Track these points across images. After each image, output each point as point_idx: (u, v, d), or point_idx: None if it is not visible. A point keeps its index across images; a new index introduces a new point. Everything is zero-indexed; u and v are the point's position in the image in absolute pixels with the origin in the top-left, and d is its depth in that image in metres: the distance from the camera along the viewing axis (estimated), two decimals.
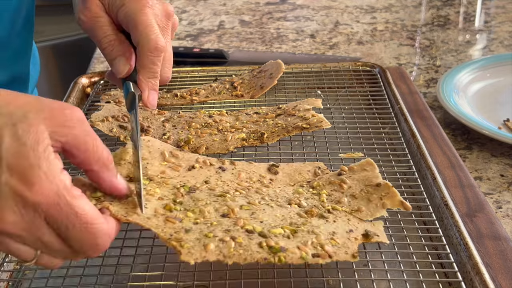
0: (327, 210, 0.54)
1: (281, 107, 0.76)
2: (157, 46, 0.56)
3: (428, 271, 0.51)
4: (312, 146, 0.69)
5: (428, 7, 1.43)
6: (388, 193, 0.56)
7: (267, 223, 0.50)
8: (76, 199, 0.41)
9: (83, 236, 0.42)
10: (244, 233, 0.48)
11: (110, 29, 0.59)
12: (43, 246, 0.42)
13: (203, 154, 0.67)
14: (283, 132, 0.69)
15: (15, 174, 0.39)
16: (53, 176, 0.40)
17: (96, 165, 0.44)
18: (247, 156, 0.68)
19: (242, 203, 0.53)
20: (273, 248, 0.46)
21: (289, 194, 0.57)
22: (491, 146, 0.80)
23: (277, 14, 1.40)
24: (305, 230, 0.50)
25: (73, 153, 0.43)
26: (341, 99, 0.81)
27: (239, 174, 0.59)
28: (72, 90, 0.85)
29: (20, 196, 0.39)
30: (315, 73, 0.89)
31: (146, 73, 0.57)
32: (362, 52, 1.15)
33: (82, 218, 0.41)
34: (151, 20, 0.56)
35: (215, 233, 0.47)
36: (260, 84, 0.82)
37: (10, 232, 0.40)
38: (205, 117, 0.74)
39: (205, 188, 0.55)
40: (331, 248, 0.48)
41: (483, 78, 0.97)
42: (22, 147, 0.39)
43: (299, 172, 0.61)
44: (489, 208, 0.63)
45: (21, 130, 0.39)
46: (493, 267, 0.54)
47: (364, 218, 0.54)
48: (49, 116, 0.41)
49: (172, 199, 0.52)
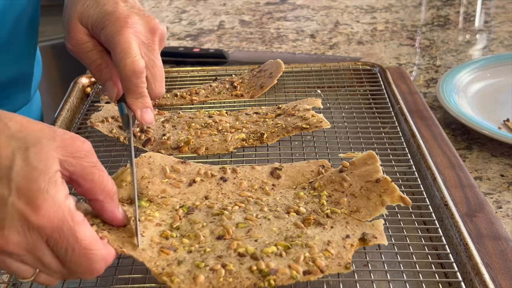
0: (326, 214, 0.55)
1: (280, 107, 0.76)
2: (135, 69, 0.55)
3: (428, 272, 0.51)
4: (312, 146, 0.69)
5: (428, 7, 1.43)
6: (387, 189, 0.56)
7: (261, 241, 0.51)
8: (79, 225, 0.43)
9: (81, 260, 0.43)
10: (236, 257, 0.49)
11: (96, 53, 0.59)
12: (42, 266, 0.43)
13: (203, 154, 0.68)
14: (282, 132, 0.69)
15: (23, 197, 0.41)
16: (59, 201, 0.42)
17: (101, 195, 0.46)
18: (247, 156, 0.68)
19: (239, 220, 0.54)
20: (263, 271, 0.47)
21: (289, 200, 0.57)
22: (491, 146, 0.80)
23: (277, 14, 1.40)
24: (299, 244, 0.50)
25: (80, 182, 0.45)
26: (341, 99, 0.81)
27: (240, 183, 0.60)
28: (72, 90, 0.85)
29: (26, 219, 0.41)
30: (315, 72, 0.89)
31: (132, 94, 0.57)
32: (362, 52, 1.15)
33: (82, 243, 0.43)
34: (129, 42, 0.55)
35: (207, 261, 0.49)
36: (260, 83, 0.82)
37: (13, 252, 0.42)
38: (204, 117, 0.74)
39: (204, 206, 0.56)
40: (324, 261, 0.49)
41: (483, 78, 0.97)
42: (32, 171, 0.41)
43: (302, 174, 0.62)
44: (489, 208, 0.63)
45: (33, 154, 0.41)
46: (493, 267, 0.54)
47: (363, 219, 0.54)
48: (61, 145, 0.43)
49: (170, 224, 0.54)
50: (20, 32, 0.77)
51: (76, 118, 0.80)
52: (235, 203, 0.57)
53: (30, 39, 0.82)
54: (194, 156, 0.68)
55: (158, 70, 0.58)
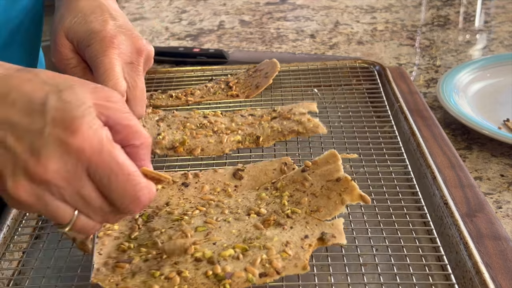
0: (286, 214, 0.55)
1: (276, 109, 0.75)
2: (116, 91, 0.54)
3: (428, 272, 0.51)
4: (307, 147, 0.69)
5: (428, 7, 1.43)
6: (347, 188, 0.56)
7: (219, 244, 0.51)
8: (119, 150, 0.41)
9: (126, 187, 0.41)
10: (193, 263, 0.49)
11: (79, 69, 0.59)
12: (82, 202, 0.41)
13: (199, 155, 0.67)
14: (279, 136, 0.69)
15: (59, 124, 0.39)
16: (96, 126, 0.40)
17: (138, 140, 0.44)
18: (242, 158, 0.67)
19: (199, 224, 0.54)
20: (218, 276, 0.47)
21: (251, 202, 0.58)
22: (491, 146, 0.80)
23: (277, 14, 1.40)
24: (257, 246, 0.50)
25: (117, 128, 0.43)
26: (337, 97, 0.81)
27: (202, 187, 0.60)
28: None
29: (64, 143, 0.39)
30: (311, 71, 0.88)
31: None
32: (362, 52, 1.15)
33: (124, 168, 0.41)
34: (112, 64, 0.55)
35: (163, 270, 0.48)
36: (256, 83, 0.82)
37: (52, 181, 0.40)
38: (199, 117, 0.73)
39: (164, 213, 0.56)
40: (281, 262, 0.48)
41: (483, 78, 0.97)
42: (66, 104, 0.40)
43: (265, 173, 0.62)
44: (489, 208, 0.63)
45: (66, 94, 0.41)
46: (493, 267, 0.54)
47: (323, 218, 0.54)
48: (93, 91, 0.42)
49: (128, 235, 0.53)
50: (23, 31, 0.77)
51: None
52: (196, 207, 0.56)
53: (33, 38, 0.81)
54: (189, 157, 0.67)
55: (139, 92, 0.58)
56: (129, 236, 0.53)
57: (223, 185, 0.61)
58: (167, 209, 0.56)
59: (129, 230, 0.54)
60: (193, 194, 0.59)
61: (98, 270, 0.49)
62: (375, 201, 0.58)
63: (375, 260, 0.52)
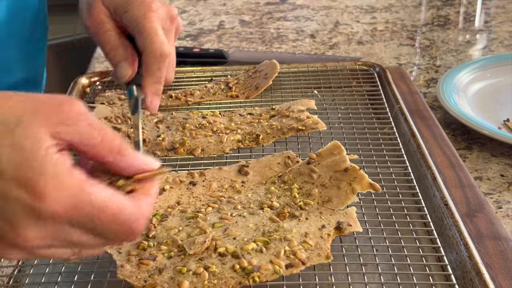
0: (299, 206, 0.56)
1: (274, 107, 0.75)
2: (163, 52, 0.57)
3: (428, 272, 0.51)
4: (307, 147, 0.69)
5: (428, 7, 1.43)
6: (356, 177, 0.57)
7: (240, 238, 0.51)
8: (94, 195, 0.37)
9: (114, 227, 0.39)
10: (217, 258, 0.49)
11: (114, 34, 0.60)
12: (76, 246, 0.39)
13: (199, 156, 0.67)
14: (278, 134, 0.69)
15: (22, 187, 0.36)
16: (62, 179, 0.37)
17: (110, 156, 0.40)
18: (243, 158, 0.67)
19: (215, 220, 0.54)
20: (246, 269, 0.47)
21: (261, 196, 0.58)
22: (491, 146, 0.80)
23: (277, 14, 1.40)
24: (277, 238, 0.51)
25: (82, 149, 0.39)
26: (338, 99, 0.81)
27: (210, 185, 0.60)
28: (72, 90, 0.85)
29: (34, 210, 0.36)
30: (312, 72, 0.88)
31: (151, 78, 0.58)
32: (362, 52, 1.15)
33: (107, 211, 0.38)
34: (156, 26, 0.57)
35: (189, 265, 0.48)
36: (255, 84, 0.82)
37: (36, 245, 0.38)
38: (198, 118, 0.73)
39: (177, 211, 0.56)
40: (304, 253, 0.49)
41: (483, 78, 0.97)
42: (22, 155, 0.36)
43: (269, 167, 0.62)
44: (489, 208, 0.63)
45: (17, 136, 0.36)
46: (493, 267, 0.54)
47: (336, 208, 0.55)
48: (46, 116, 0.38)
49: (145, 234, 0.53)
50: (26, 31, 0.77)
51: None
52: (208, 204, 0.57)
53: (40, 37, 0.81)
54: (190, 158, 0.67)
55: (172, 58, 0.60)
56: (147, 235, 0.53)
57: (230, 181, 0.61)
58: (179, 207, 0.57)
59: (145, 230, 0.54)
60: (202, 192, 0.59)
61: (122, 266, 0.49)
62: (375, 201, 0.58)
63: (375, 260, 0.52)
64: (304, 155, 0.67)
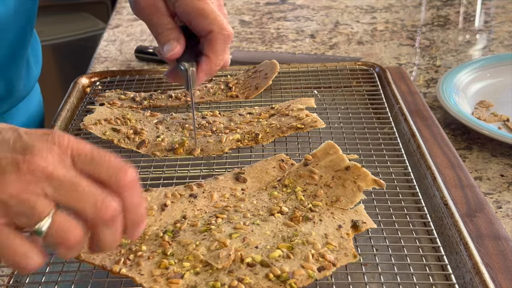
0: (309, 209, 0.55)
1: (274, 107, 0.75)
2: (229, 33, 0.61)
3: (428, 272, 0.51)
4: (307, 147, 0.69)
5: (428, 7, 1.43)
6: (359, 175, 0.57)
7: (262, 246, 0.51)
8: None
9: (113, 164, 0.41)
10: (247, 269, 0.48)
11: (166, 16, 0.63)
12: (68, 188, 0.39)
13: (198, 155, 0.67)
14: (277, 133, 0.69)
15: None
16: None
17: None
18: (242, 157, 0.67)
19: (230, 231, 0.53)
20: (281, 276, 0.47)
21: (266, 201, 0.57)
22: (491, 146, 0.80)
23: (277, 14, 1.40)
24: (300, 243, 0.51)
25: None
26: (337, 99, 0.81)
27: (211, 196, 0.59)
28: (72, 90, 0.85)
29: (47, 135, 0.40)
30: (312, 72, 0.88)
31: (215, 59, 0.62)
32: (362, 52, 1.15)
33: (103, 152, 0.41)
34: (215, 9, 0.61)
35: (221, 279, 0.47)
36: (255, 84, 0.82)
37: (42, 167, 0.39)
38: (198, 118, 0.73)
39: (186, 226, 0.55)
40: (332, 255, 0.49)
41: (483, 78, 0.97)
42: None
43: (266, 172, 0.62)
44: (489, 208, 0.63)
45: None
46: (493, 267, 0.54)
47: (345, 207, 0.55)
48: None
49: (162, 252, 0.51)
50: (18, 10, 0.77)
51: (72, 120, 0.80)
52: (215, 215, 0.55)
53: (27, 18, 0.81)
54: (189, 158, 0.67)
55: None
56: (164, 253, 0.51)
57: (230, 190, 0.60)
58: (187, 222, 0.55)
59: (160, 248, 0.52)
60: (205, 204, 0.58)
61: None
62: (375, 201, 0.58)
63: (375, 260, 0.52)
64: (303, 155, 0.67)
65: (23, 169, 0.39)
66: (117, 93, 0.82)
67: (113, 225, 0.41)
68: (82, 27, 2.00)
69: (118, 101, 0.80)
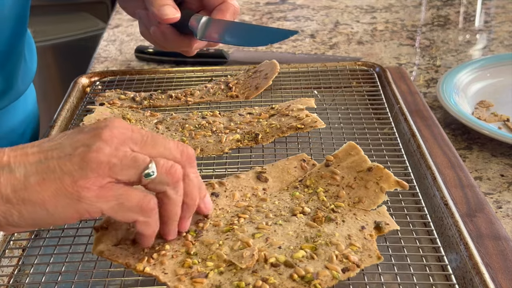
0: (332, 209, 0.55)
1: (274, 107, 0.75)
2: (238, 6, 0.69)
3: (428, 272, 0.51)
4: (307, 148, 0.69)
5: (428, 7, 1.43)
6: (382, 176, 0.57)
7: (285, 246, 0.51)
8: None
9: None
10: (271, 269, 0.48)
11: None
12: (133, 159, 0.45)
13: (198, 156, 0.67)
14: (277, 133, 0.69)
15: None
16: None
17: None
18: (242, 158, 0.67)
19: (252, 231, 0.53)
20: (306, 277, 0.47)
21: (288, 202, 0.57)
22: (491, 146, 0.80)
23: (277, 14, 1.40)
24: (323, 244, 0.50)
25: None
26: (337, 99, 0.81)
27: (233, 195, 0.58)
28: (72, 90, 0.85)
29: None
30: (312, 73, 0.88)
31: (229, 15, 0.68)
32: (362, 52, 1.15)
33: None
34: None
35: (245, 279, 0.47)
36: (255, 84, 0.82)
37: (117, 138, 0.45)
38: (198, 118, 0.73)
39: (209, 226, 0.54)
40: (356, 256, 0.49)
41: (483, 78, 0.97)
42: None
43: (287, 172, 0.62)
44: (489, 208, 0.63)
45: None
46: (493, 267, 0.54)
47: (368, 208, 0.55)
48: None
49: (185, 251, 0.51)
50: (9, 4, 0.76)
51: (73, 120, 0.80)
52: (237, 215, 0.55)
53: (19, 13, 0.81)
54: None
55: None
56: (188, 253, 0.51)
57: (252, 189, 0.59)
58: (210, 221, 0.55)
59: (183, 247, 0.52)
60: (227, 203, 0.58)
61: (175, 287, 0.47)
62: None
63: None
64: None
65: (106, 137, 0.44)
66: (117, 93, 0.82)
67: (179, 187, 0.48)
68: (82, 27, 2.00)
69: (118, 101, 0.80)
